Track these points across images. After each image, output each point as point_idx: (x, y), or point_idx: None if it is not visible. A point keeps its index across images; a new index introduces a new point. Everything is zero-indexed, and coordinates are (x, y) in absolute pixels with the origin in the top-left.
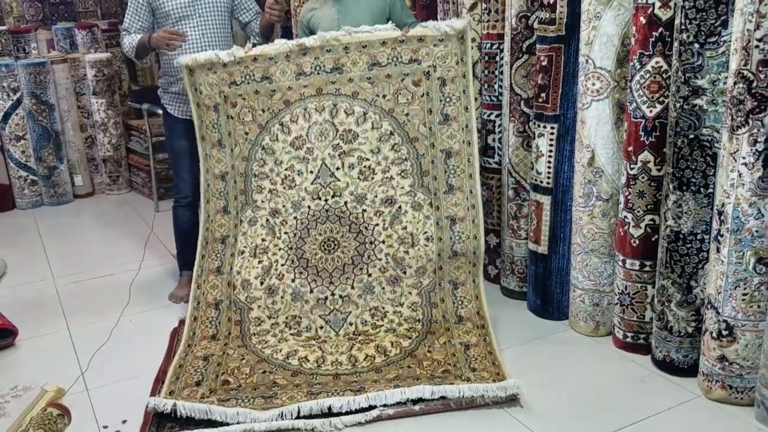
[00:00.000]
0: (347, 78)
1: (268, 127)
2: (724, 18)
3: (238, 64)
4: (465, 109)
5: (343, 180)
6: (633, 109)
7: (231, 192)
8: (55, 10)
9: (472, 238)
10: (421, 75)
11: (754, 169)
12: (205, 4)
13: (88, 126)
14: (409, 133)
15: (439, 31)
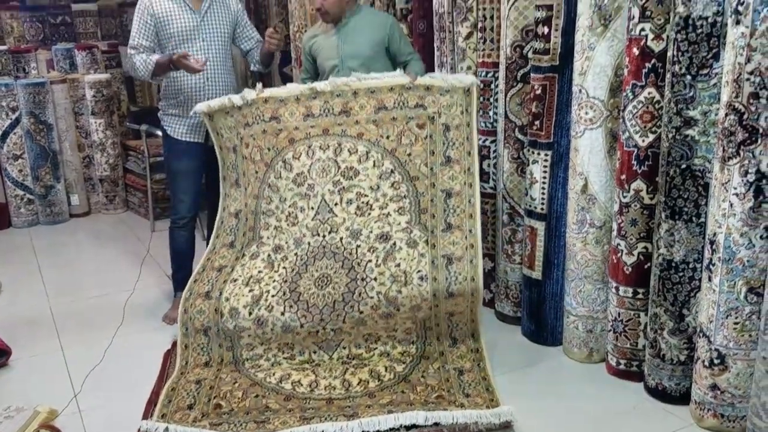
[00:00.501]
0: (354, 120)
1: (273, 164)
2: (716, 51)
3: (250, 105)
4: (468, 154)
5: (340, 216)
6: (626, 139)
7: (241, 229)
8: (56, 30)
9: (469, 280)
10: (426, 119)
11: (745, 200)
12: (209, 28)
13: (86, 146)
14: (410, 172)
15: (447, 82)
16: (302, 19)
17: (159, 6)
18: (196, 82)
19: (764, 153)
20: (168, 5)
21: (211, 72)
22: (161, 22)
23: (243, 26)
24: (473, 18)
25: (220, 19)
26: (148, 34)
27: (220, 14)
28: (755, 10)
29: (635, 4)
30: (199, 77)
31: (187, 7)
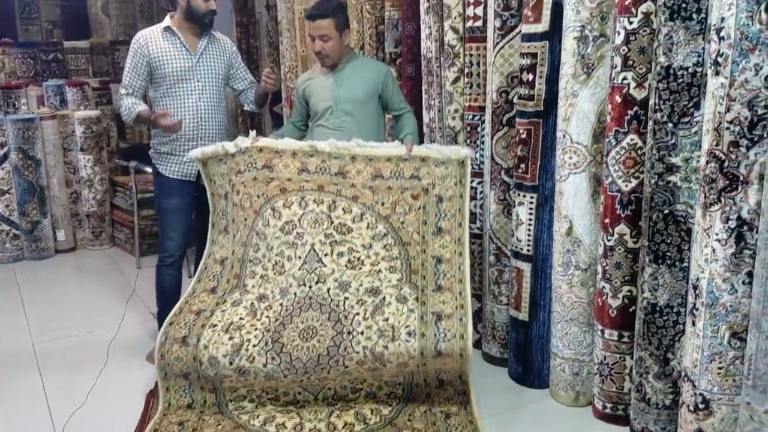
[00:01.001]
0: (350, 183)
1: (261, 212)
2: (696, 100)
3: (243, 153)
4: (459, 225)
5: (329, 266)
6: (609, 183)
7: (225, 276)
8: (47, 67)
9: (458, 338)
10: (420, 190)
11: (727, 246)
12: (204, 69)
13: (73, 181)
14: (402, 237)
15: (442, 154)
16: (293, 60)
17: (154, 46)
18: (189, 121)
19: (744, 200)
20: (163, 45)
21: (205, 112)
22: (156, 61)
23: (237, 67)
24: (460, 63)
25: (215, 60)
26: (141, 76)
27: (216, 56)
28: (734, 62)
29: (618, 54)
30: (192, 117)
31: (183, 48)
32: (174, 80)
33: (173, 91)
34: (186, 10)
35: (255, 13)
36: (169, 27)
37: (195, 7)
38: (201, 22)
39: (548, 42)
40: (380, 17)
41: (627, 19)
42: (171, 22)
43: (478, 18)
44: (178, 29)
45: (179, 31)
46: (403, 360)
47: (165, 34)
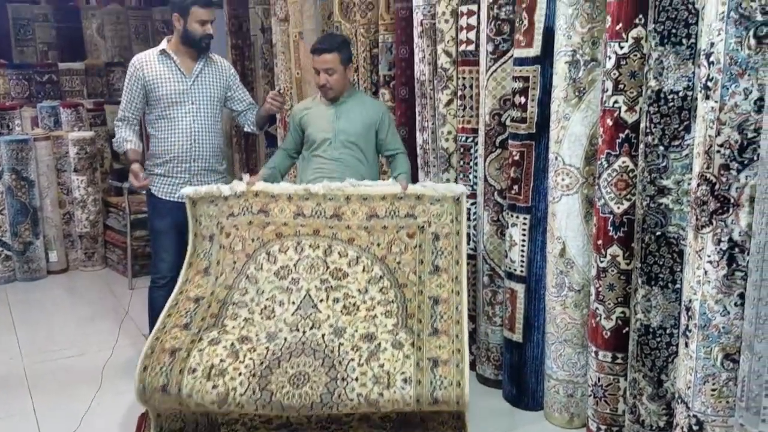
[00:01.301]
0: (345, 225)
1: (255, 256)
2: (687, 123)
3: (238, 197)
4: (456, 263)
5: (324, 312)
6: (601, 205)
7: (200, 313)
8: (42, 88)
9: (455, 385)
10: (416, 229)
11: (719, 267)
12: (199, 92)
13: (66, 202)
14: (398, 279)
15: (437, 192)
16: (288, 82)
17: (149, 68)
18: (183, 143)
19: (736, 222)
20: (158, 68)
21: (199, 134)
22: (150, 84)
23: (236, 89)
24: (453, 86)
25: (211, 83)
26: (136, 101)
27: (212, 78)
28: (723, 86)
29: (609, 78)
30: (186, 140)
31: (178, 71)
32: (168, 103)
33: (167, 113)
34: (182, 34)
35: (250, 35)
36: (165, 50)
37: (191, 32)
38: (197, 45)
39: (540, 66)
40: (374, 40)
41: (618, 44)
42: (167, 45)
43: (470, 42)
44: (174, 52)
45: (175, 54)
46: (399, 407)
47: (161, 57)
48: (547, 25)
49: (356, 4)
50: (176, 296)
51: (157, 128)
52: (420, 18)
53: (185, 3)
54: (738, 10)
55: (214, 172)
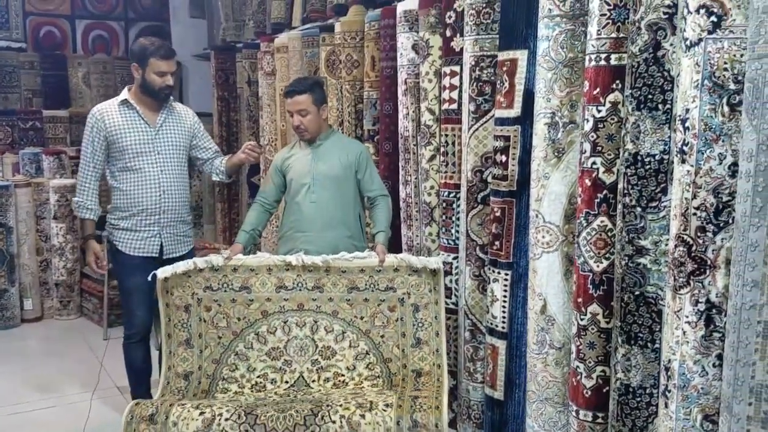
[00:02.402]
0: (328, 297)
1: (243, 335)
2: (664, 185)
3: (216, 271)
4: (436, 334)
5: (316, 389)
6: (581, 263)
7: (192, 391)
8: (25, 135)
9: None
10: (396, 301)
11: (697, 328)
12: (165, 141)
13: (44, 249)
14: (383, 353)
15: (414, 265)
16: (273, 134)
17: (111, 119)
18: (151, 195)
19: (713, 284)
20: (120, 118)
21: (167, 185)
22: (113, 135)
23: (200, 137)
24: (436, 143)
25: (176, 132)
26: (99, 150)
27: (177, 127)
28: (699, 151)
29: (587, 140)
30: (155, 191)
31: (142, 120)
32: (133, 153)
33: (133, 164)
34: (141, 83)
35: (236, 88)
36: (127, 100)
37: (150, 82)
38: (156, 96)
39: (520, 126)
40: (359, 96)
41: (595, 107)
42: (129, 94)
43: (453, 101)
44: (136, 102)
45: (137, 103)
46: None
47: (122, 107)
48: (527, 87)
49: (342, 61)
50: (165, 373)
51: (121, 181)
52: (404, 77)
53: (144, 53)
54: (711, 78)
55: (183, 223)
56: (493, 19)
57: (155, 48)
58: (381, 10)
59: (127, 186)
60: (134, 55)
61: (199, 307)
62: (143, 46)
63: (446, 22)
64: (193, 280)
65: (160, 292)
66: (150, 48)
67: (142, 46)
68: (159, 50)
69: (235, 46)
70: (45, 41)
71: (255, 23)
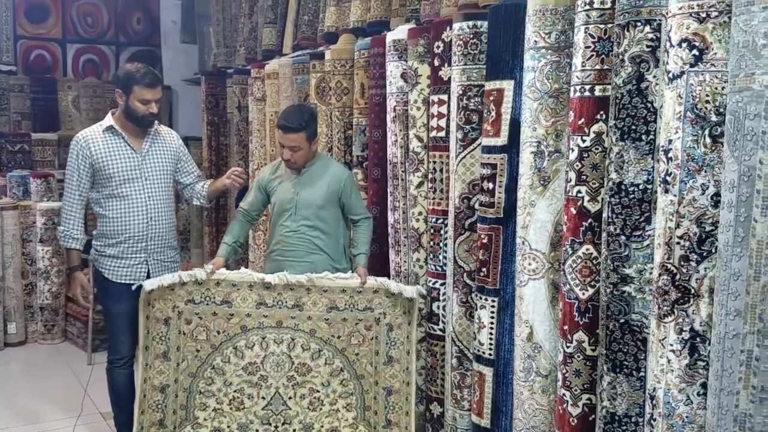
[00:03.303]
0: (307, 315)
1: (221, 348)
2: (648, 215)
3: (199, 284)
4: (407, 353)
5: (293, 409)
6: (567, 291)
7: (170, 406)
8: (13, 157)
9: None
10: (373, 321)
11: (681, 357)
12: (151, 166)
13: (29, 273)
14: (357, 370)
15: (391, 290)
16: (262, 159)
17: (96, 146)
18: (138, 222)
19: (696, 312)
20: (105, 145)
21: (154, 211)
22: (99, 162)
23: (185, 161)
24: (424, 169)
25: (161, 157)
26: (84, 178)
27: (162, 152)
28: (682, 181)
29: (572, 169)
30: (142, 218)
31: (128, 147)
32: (120, 180)
33: (120, 191)
34: (125, 109)
35: (226, 113)
36: (112, 126)
37: (134, 110)
38: (140, 123)
39: (507, 154)
40: (348, 123)
41: (580, 137)
42: (113, 120)
43: (441, 129)
44: (120, 128)
45: (122, 129)
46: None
47: (106, 134)
48: (513, 116)
49: (332, 88)
50: (142, 386)
51: (107, 208)
52: (393, 104)
53: (128, 81)
54: (694, 110)
55: (170, 248)
56: (480, 50)
57: (140, 75)
58: (371, 39)
59: (113, 213)
60: (119, 81)
61: (179, 320)
62: (128, 73)
63: (434, 51)
64: (175, 294)
65: (142, 305)
66: (135, 75)
67: (127, 73)
68: (144, 78)
69: (226, 72)
70: (35, 64)
71: (246, 49)
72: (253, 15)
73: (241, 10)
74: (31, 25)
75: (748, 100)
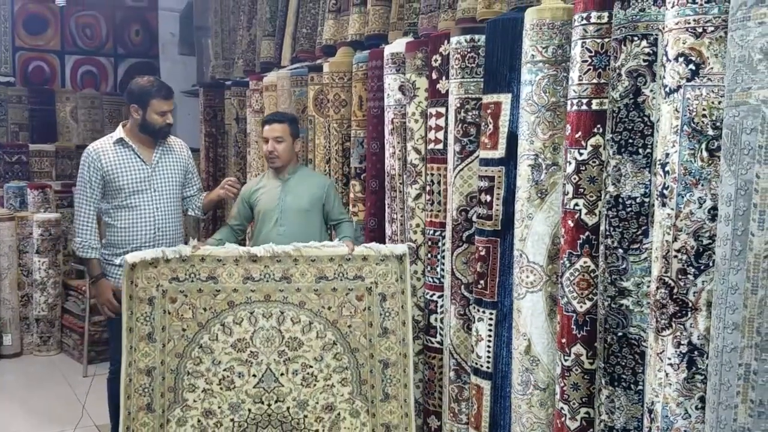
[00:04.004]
0: (295, 287)
1: (209, 326)
2: (645, 228)
3: (183, 261)
4: (402, 324)
5: (286, 386)
6: (564, 303)
7: (157, 389)
8: (10, 168)
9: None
10: (364, 291)
11: (679, 370)
12: (161, 179)
13: (26, 284)
14: (350, 343)
15: (380, 252)
16: (259, 170)
17: (107, 158)
18: (147, 232)
19: (694, 326)
20: (116, 157)
21: (162, 221)
22: (110, 174)
23: (192, 173)
24: (422, 181)
25: (171, 168)
26: (96, 189)
27: (171, 163)
28: (679, 194)
29: (569, 182)
30: (150, 228)
31: (138, 158)
32: (130, 192)
33: (129, 202)
34: (141, 122)
35: (224, 124)
36: (122, 138)
37: (151, 122)
38: (157, 135)
39: (504, 167)
40: (346, 135)
41: (577, 150)
42: (124, 132)
43: (439, 141)
44: (131, 140)
45: (133, 141)
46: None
47: (117, 146)
48: (510, 129)
49: (330, 100)
50: (127, 369)
51: (116, 218)
52: (391, 117)
53: (145, 94)
54: (690, 124)
55: None
56: (477, 63)
57: (156, 89)
58: (369, 52)
59: (122, 223)
60: (134, 96)
61: (163, 299)
62: (144, 87)
63: (432, 65)
64: (159, 272)
65: (125, 282)
66: (151, 89)
67: (142, 88)
68: (160, 91)
69: (224, 84)
70: (34, 76)
71: (244, 62)
72: (252, 27)
73: (239, 22)
74: (29, 36)
75: (744, 114)
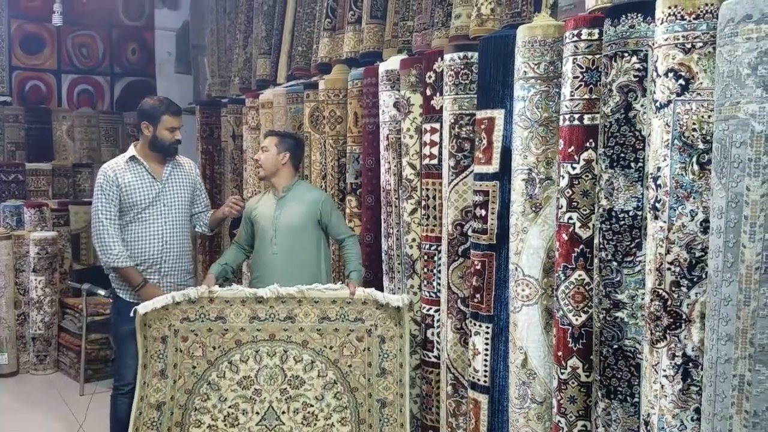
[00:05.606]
0: (299, 327)
1: (217, 364)
2: (638, 241)
3: (193, 303)
4: (400, 366)
5: (287, 424)
6: (560, 317)
7: (165, 423)
8: (7, 187)
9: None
10: (364, 332)
11: (674, 382)
12: (170, 195)
13: (22, 303)
14: (350, 383)
15: (378, 300)
16: (255, 187)
17: (122, 177)
18: (154, 246)
19: (688, 338)
20: (129, 175)
21: (170, 236)
22: (125, 192)
23: (199, 190)
24: (417, 196)
25: (180, 184)
26: (114, 205)
27: (181, 180)
28: (671, 208)
29: (563, 196)
30: (158, 242)
31: (149, 175)
32: (141, 208)
33: (141, 217)
34: (151, 140)
35: (221, 141)
36: (135, 156)
37: (161, 139)
38: (166, 152)
39: (499, 182)
40: (342, 151)
41: (570, 165)
42: (135, 150)
43: (434, 156)
44: (142, 158)
45: (144, 159)
46: None
47: (130, 163)
48: (504, 144)
49: (325, 116)
50: (138, 404)
51: (126, 232)
52: (386, 132)
53: (155, 112)
54: (681, 138)
55: (184, 272)
56: (471, 80)
57: (166, 106)
58: (363, 70)
59: (131, 237)
60: (145, 113)
61: (175, 338)
62: (154, 105)
63: (426, 81)
64: (170, 313)
65: (139, 326)
66: (161, 107)
67: (153, 105)
68: (170, 107)
69: (220, 101)
70: (30, 95)
71: (240, 79)
72: (248, 46)
73: (235, 41)
74: (26, 56)
75: (734, 128)
